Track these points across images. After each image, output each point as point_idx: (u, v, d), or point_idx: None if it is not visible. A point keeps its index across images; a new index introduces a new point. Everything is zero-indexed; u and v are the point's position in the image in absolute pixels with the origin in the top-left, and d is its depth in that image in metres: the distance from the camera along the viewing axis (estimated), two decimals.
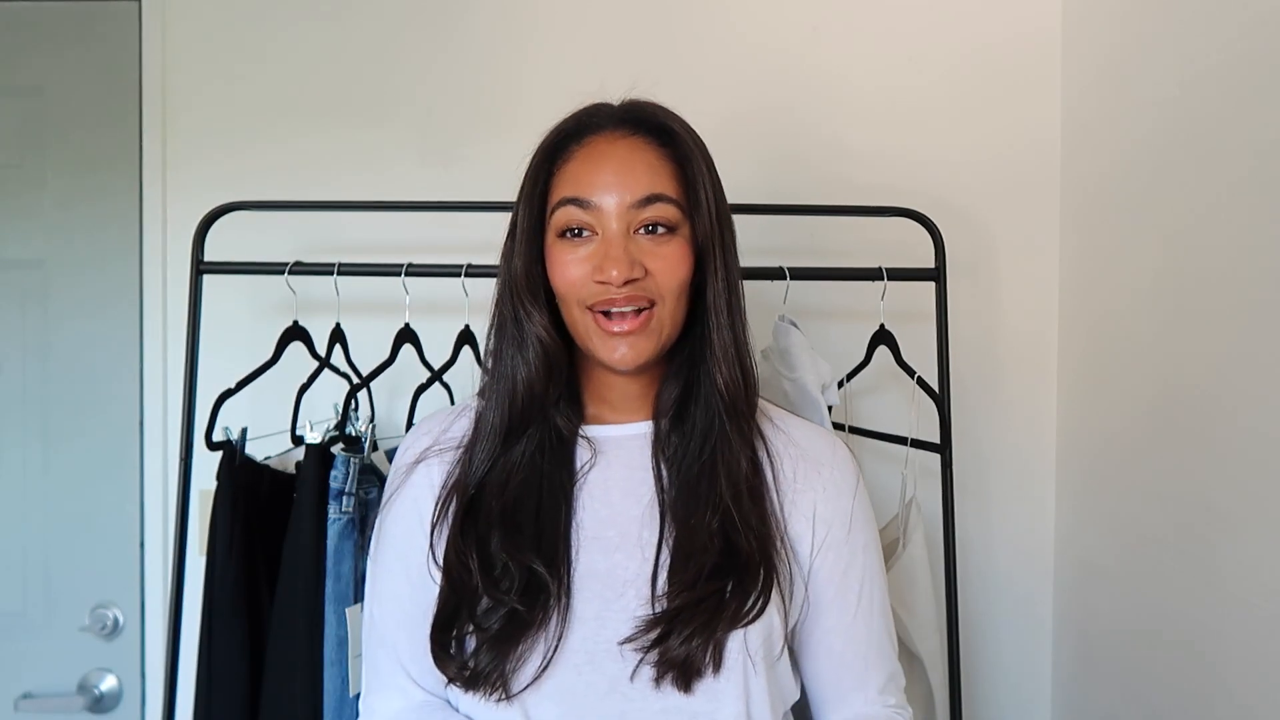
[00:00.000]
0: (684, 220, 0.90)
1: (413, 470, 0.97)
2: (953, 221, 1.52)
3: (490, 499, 0.91)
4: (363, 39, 1.71)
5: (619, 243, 0.87)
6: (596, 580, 0.89)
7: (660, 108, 0.94)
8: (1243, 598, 1.19)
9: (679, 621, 0.85)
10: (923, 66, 1.68)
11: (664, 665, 0.85)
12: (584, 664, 0.86)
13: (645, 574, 0.88)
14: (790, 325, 1.41)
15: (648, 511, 0.91)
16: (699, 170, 0.91)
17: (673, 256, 0.89)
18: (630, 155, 0.90)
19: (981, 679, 1.67)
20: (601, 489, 0.93)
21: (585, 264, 0.89)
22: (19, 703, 1.71)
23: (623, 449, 0.95)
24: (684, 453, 0.92)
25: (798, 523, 0.94)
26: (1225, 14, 1.24)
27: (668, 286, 0.89)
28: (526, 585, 0.86)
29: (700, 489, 0.90)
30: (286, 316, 1.43)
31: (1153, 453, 1.39)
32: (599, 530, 0.91)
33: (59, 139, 1.74)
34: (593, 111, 0.94)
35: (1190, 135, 1.31)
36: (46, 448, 1.74)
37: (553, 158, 0.92)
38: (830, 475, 0.96)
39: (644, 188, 0.88)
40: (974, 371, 1.67)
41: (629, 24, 1.69)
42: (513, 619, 0.86)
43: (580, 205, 0.88)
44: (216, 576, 1.33)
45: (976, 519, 1.66)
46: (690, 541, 0.88)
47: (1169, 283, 1.35)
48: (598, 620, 0.87)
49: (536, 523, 0.90)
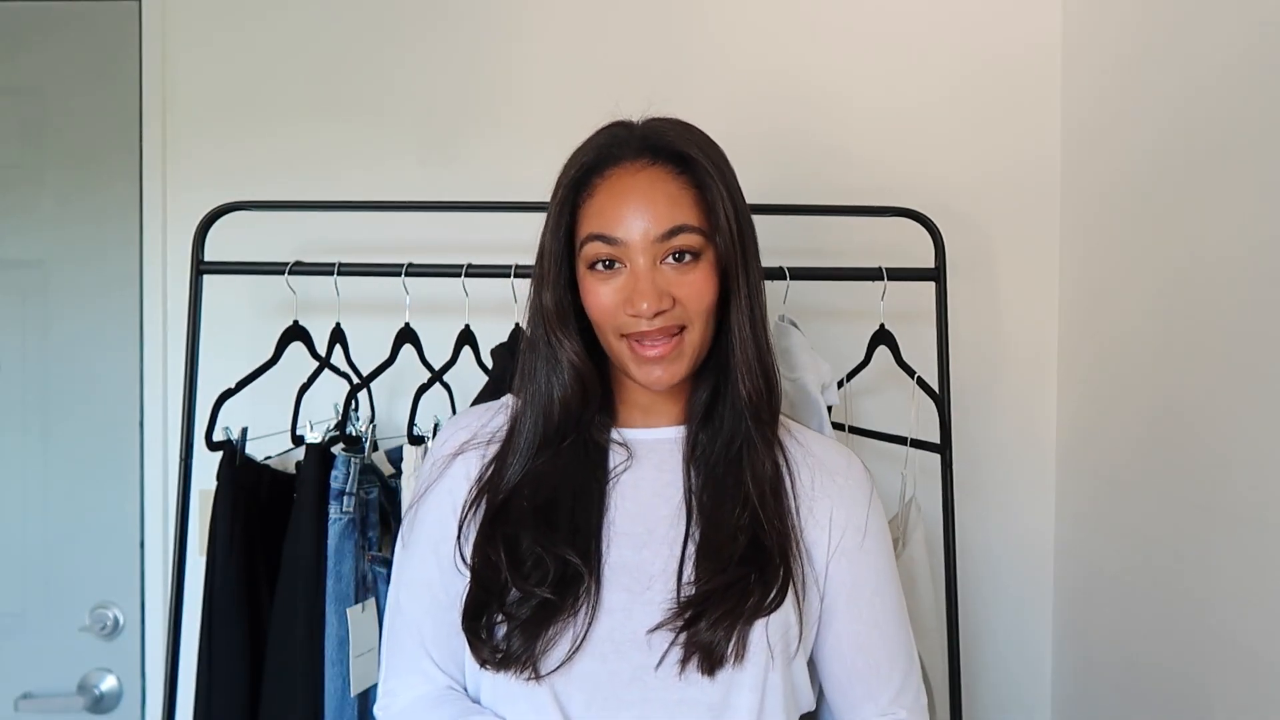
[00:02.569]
0: (707, 245, 0.92)
1: (450, 463, 1.00)
2: (953, 222, 1.53)
3: (522, 501, 0.95)
4: (363, 39, 1.71)
5: (647, 276, 0.90)
6: (625, 574, 0.92)
7: (678, 127, 0.96)
8: (1242, 598, 1.19)
9: (709, 605, 0.88)
10: (924, 72, 1.68)
11: (691, 648, 0.88)
12: (610, 653, 0.90)
13: (672, 568, 0.92)
14: (790, 325, 1.41)
15: (676, 511, 0.95)
16: (718, 193, 0.93)
17: (698, 283, 0.92)
18: (651, 189, 0.92)
19: (981, 679, 1.67)
20: (632, 488, 0.97)
21: (617, 295, 0.92)
22: (19, 703, 1.71)
23: (654, 451, 0.99)
24: (711, 452, 0.96)
25: (814, 529, 0.97)
26: (1225, 21, 1.24)
27: (695, 311, 0.92)
28: (561, 577, 0.90)
29: (727, 486, 0.94)
30: (286, 316, 1.43)
31: (1152, 453, 1.39)
32: (629, 526, 0.95)
33: (59, 138, 1.74)
34: (611, 140, 0.95)
35: (1190, 137, 1.31)
36: (46, 448, 1.74)
37: (576, 190, 0.94)
38: (845, 484, 1.00)
39: (666, 220, 0.91)
40: (974, 371, 1.67)
41: (629, 25, 1.69)
42: (544, 606, 0.89)
43: (607, 241, 0.91)
44: (216, 576, 1.33)
45: (976, 519, 1.66)
46: (718, 532, 0.92)
47: (1169, 283, 1.36)
48: (625, 611, 0.91)
49: (571, 520, 0.93)
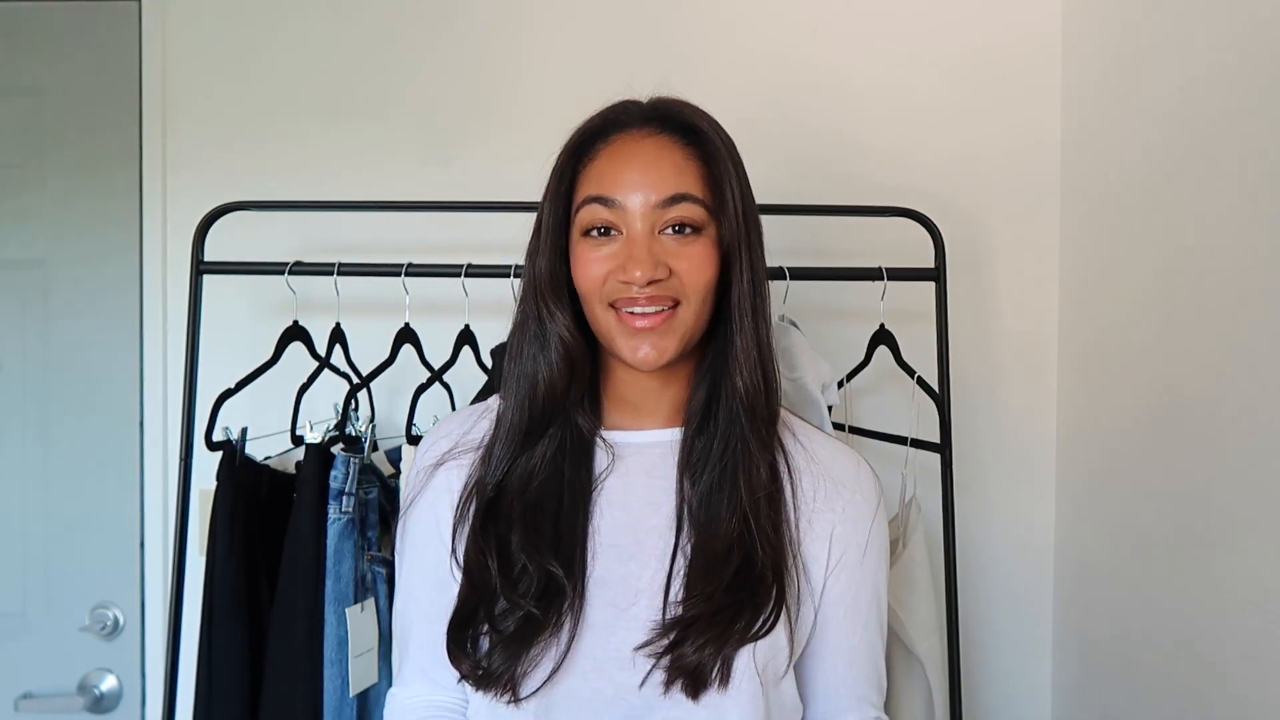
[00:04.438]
0: (710, 221, 0.88)
1: (433, 474, 0.96)
2: (953, 221, 1.52)
3: (512, 499, 0.91)
4: (363, 39, 1.71)
5: (643, 243, 0.86)
6: (609, 589, 0.88)
7: (688, 105, 0.92)
8: (1243, 597, 1.19)
9: (695, 629, 0.84)
10: (924, 67, 1.68)
11: (675, 671, 0.84)
12: (591, 671, 0.86)
13: (659, 583, 0.87)
14: (790, 325, 1.41)
15: (666, 521, 0.90)
16: (726, 170, 0.89)
17: (698, 257, 0.87)
18: (657, 154, 0.88)
19: (981, 679, 1.67)
20: (620, 496, 0.92)
21: (609, 262, 0.87)
22: (19, 703, 1.71)
23: (644, 456, 0.93)
24: (706, 458, 0.91)
25: (813, 543, 0.92)
26: (1225, 15, 1.24)
27: (692, 287, 0.87)
28: (545, 589, 0.86)
29: (722, 495, 0.89)
30: (286, 316, 1.43)
31: (1153, 452, 1.39)
32: (615, 538, 0.90)
33: (59, 139, 1.74)
34: (620, 109, 0.92)
35: (1190, 135, 1.31)
36: (46, 448, 1.74)
37: (578, 156, 0.90)
38: (851, 498, 0.94)
39: (670, 187, 0.87)
40: (974, 371, 1.67)
41: (629, 24, 1.69)
42: (528, 622, 0.86)
43: (605, 204, 0.87)
44: (216, 576, 1.33)
45: (976, 519, 1.66)
46: (710, 549, 0.87)
47: (1169, 282, 1.35)
48: (608, 629, 0.87)
49: (556, 526, 0.89)
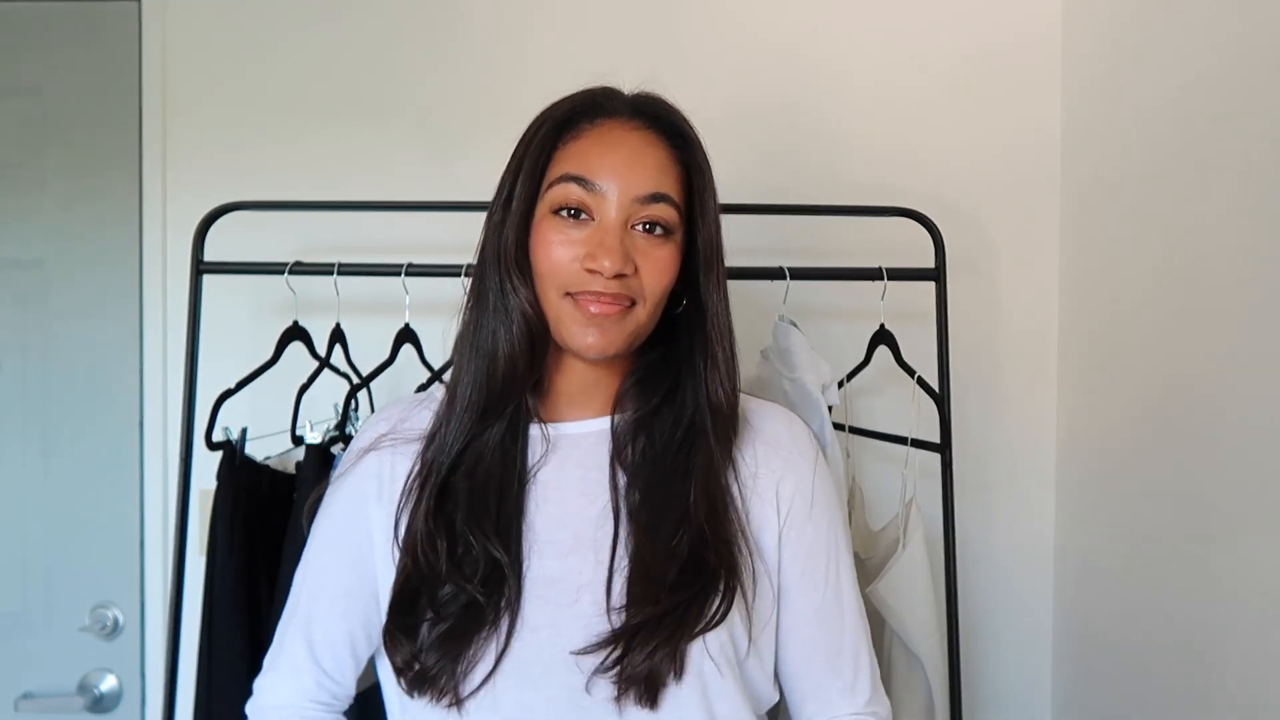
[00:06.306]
0: (680, 226, 0.88)
1: (363, 457, 0.94)
2: (953, 221, 1.52)
3: (460, 479, 0.88)
4: (363, 39, 1.71)
5: (615, 233, 0.84)
6: (549, 586, 0.85)
7: (675, 108, 0.92)
8: (1243, 597, 1.19)
9: (640, 638, 0.81)
10: (923, 66, 1.68)
11: (625, 683, 0.82)
12: (540, 676, 0.83)
13: (600, 579, 0.85)
14: (790, 325, 1.41)
15: (603, 513, 0.88)
16: (707, 181, 0.89)
17: (663, 260, 0.86)
18: (644, 148, 0.87)
19: (981, 679, 1.67)
20: (555, 489, 0.90)
21: (576, 247, 0.85)
22: (19, 703, 1.71)
23: (577, 448, 0.91)
24: (652, 458, 0.89)
25: (761, 507, 0.90)
26: (1225, 14, 1.24)
27: (650, 289, 0.86)
28: (489, 574, 0.84)
29: (670, 500, 0.86)
30: (286, 316, 1.43)
31: (1153, 452, 1.39)
32: (552, 533, 0.88)
33: (59, 139, 1.73)
34: (608, 94, 0.91)
35: (1190, 135, 1.31)
36: (46, 448, 1.74)
37: (561, 131, 0.88)
38: (789, 454, 0.93)
39: (651, 184, 0.86)
40: (974, 371, 1.67)
41: (629, 24, 1.69)
42: (469, 610, 0.83)
43: (583, 185, 0.85)
44: (216, 576, 1.33)
45: (976, 519, 1.65)
46: (653, 553, 0.84)
47: (1169, 282, 1.35)
48: (552, 628, 0.84)
49: (499, 512, 0.87)
